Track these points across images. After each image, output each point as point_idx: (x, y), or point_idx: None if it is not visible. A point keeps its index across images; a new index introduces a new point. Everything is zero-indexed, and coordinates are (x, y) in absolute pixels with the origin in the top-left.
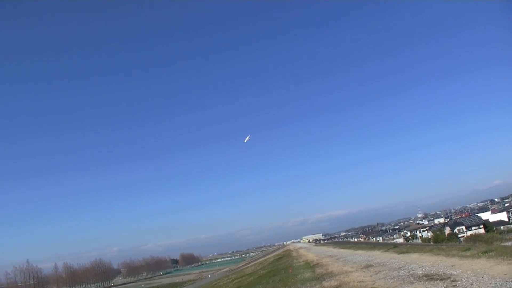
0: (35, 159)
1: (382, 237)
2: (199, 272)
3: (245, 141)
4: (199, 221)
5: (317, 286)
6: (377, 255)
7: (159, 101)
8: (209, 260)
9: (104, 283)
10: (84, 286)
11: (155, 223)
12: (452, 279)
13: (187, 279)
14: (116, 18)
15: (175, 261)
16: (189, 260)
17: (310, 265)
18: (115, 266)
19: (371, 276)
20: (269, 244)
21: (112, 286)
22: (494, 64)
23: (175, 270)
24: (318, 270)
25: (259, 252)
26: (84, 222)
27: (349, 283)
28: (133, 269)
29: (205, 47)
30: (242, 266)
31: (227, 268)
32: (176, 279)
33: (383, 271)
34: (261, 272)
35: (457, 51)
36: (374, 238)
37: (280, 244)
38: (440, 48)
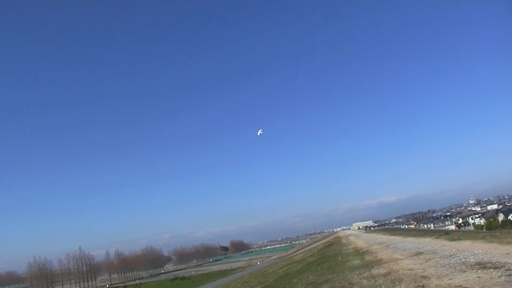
0: (84, 148)
1: (433, 223)
2: (248, 259)
3: (258, 134)
4: (249, 209)
5: (365, 274)
6: (427, 242)
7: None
8: (259, 247)
9: (155, 270)
10: (135, 273)
11: (206, 210)
12: (506, 267)
13: (236, 266)
14: (115, 12)
15: (225, 248)
16: (239, 247)
17: (359, 252)
18: (165, 254)
19: (421, 263)
20: (318, 231)
21: (163, 273)
22: None
23: (225, 257)
24: (367, 258)
25: (308, 239)
26: (136, 210)
27: (398, 270)
28: (184, 256)
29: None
30: (292, 253)
31: (277, 255)
32: (226, 266)
33: (433, 258)
34: (310, 259)
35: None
36: (425, 225)
37: (329, 231)
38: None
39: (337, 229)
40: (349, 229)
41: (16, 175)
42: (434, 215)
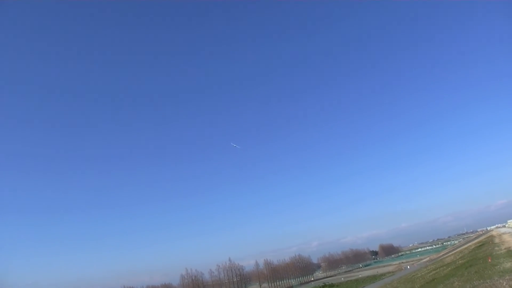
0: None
1: None
2: (398, 263)
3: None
4: (399, 211)
5: None
6: None
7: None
8: (409, 250)
9: (304, 277)
10: (284, 281)
11: (354, 215)
12: None
13: (386, 271)
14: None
15: (375, 253)
16: (389, 251)
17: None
18: (314, 261)
19: None
20: (471, 231)
21: (312, 280)
22: None
23: (375, 262)
24: None
25: (461, 240)
26: (284, 218)
27: None
28: (333, 263)
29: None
30: (442, 255)
31: (427, 258)
32: (375, 271)
33: None
34: (459, 262)
35: None
36: None
37: (483, 230)
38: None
39: (491, 227)
40: (504, 226)
41: (173, 196)
42: None
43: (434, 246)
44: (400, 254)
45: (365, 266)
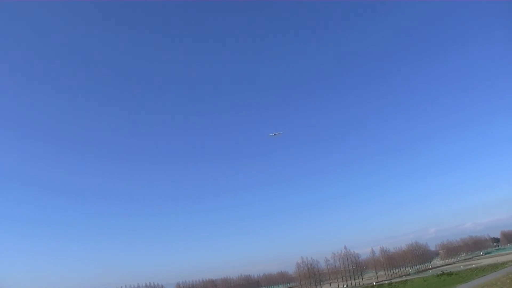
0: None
1: None
2: None
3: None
4: None
5: None
6: None
7: None
8: None
9: (422, 265)
10: (401, 269)
11: (474, 201)
12: None
13: (508, 259)
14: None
15: (496, 240)
16: None
17: None
18: (432, 248)
19: None
20: None
21: (430, 268)
22: None
23: (497, 249)
24: None
25: None
26: (400, 204)
27: None
28: (451, 250)
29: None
30: None
31: None
32: (496, 260)
33: None
34: None
35: None
36: None
37: None
38: None
39: None
40: None
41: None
42: None
43: None
44: None
45: (485, 253)
